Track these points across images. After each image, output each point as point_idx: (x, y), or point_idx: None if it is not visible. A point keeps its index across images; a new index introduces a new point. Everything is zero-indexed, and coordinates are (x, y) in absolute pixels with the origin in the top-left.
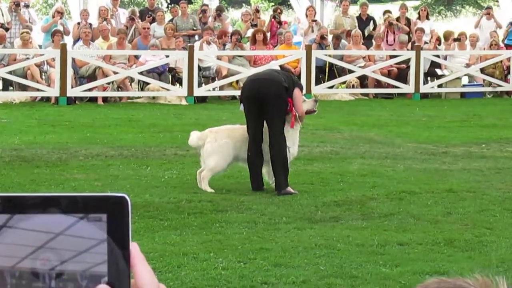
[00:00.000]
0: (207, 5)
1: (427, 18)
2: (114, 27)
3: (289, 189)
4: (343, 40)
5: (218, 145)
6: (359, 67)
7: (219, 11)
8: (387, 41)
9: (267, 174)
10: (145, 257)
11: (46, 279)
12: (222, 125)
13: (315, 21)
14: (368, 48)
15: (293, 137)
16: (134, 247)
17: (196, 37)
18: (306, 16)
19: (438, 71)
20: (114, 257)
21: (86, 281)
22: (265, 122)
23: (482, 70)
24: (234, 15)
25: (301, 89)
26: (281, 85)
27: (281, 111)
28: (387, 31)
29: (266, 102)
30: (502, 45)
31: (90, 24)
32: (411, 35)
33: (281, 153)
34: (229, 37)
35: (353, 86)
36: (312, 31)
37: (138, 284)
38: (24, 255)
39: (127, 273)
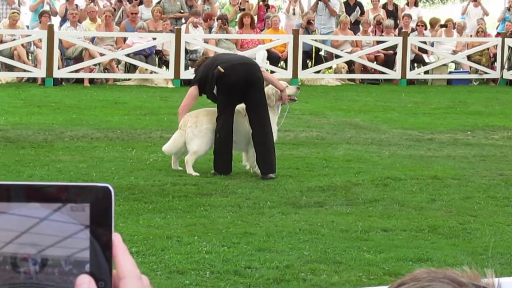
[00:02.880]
0: None
1: (415, 4)
2: (101, 8)
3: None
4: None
5: (199, 130)
6: (346, 52)
7: None
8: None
9: (248, 160)
10: (129, 240)
11: (30, 264)
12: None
13: None
14: (355, 34)
15: (273, 122)
16: (116, 238)
17: (183, 20)
18: None
19: (425, 58)
20: (96, 248)
21: (70, 266)
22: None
23: (469, 57)
24: None
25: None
26: (260, 70)
27: (264, 96)
28: (375, 30)
29: (254, 87)
30: (489, 32)
31: (77, 5)
32: (398, 21)
33: (271, 137)
34: (215, 20)
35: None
36: (294, 13)
37: (120, 275)
38: (8, 240)
39: (109, 264)
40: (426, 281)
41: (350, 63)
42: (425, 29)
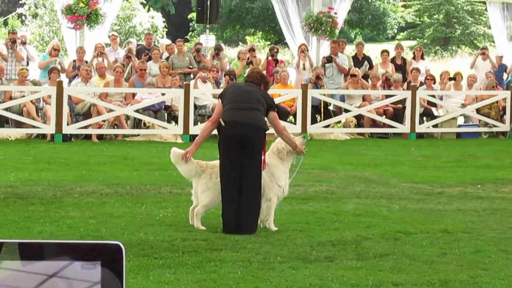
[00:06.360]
0: (201, 44)
1: (422, 58)
2: (110, 63)
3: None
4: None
5: (214, 182)
6: (355, 106)
7: (218, 50)
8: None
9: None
10: None
11: None
12: None
13: (303, 52)
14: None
15: (285, 175)
16: None
17: (192, 75)
18: (298, 52)
19: (434, 111)
20: None
21: None
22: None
23: (478, 111)
24: (230, 53)
25: (275, 111)
26: (263, 129)
27: (260, 160)
28: (384, 85)
29: (248, 149)
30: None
31: (86, 62)
32: (406, 75)
33: (256, 200)
34: (223, 75)
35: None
36: (304, 68)
37: None
38: None
39: None
40: None
41: (359, 117)
42: (434, 82)
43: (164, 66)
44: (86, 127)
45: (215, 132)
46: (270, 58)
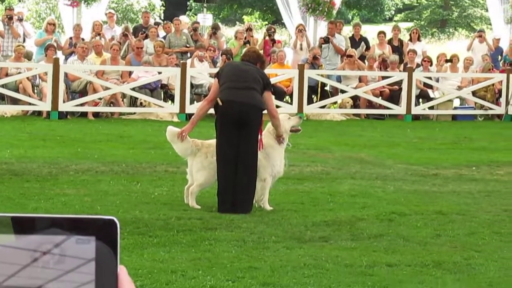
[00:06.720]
0: (198, 23)
1: (419, 39)
2: (107, 42)
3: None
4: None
5: (209, 161)
6: (351, 87)
7: (215, 29)
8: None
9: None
10: (134, 274)
11: None
12: None
13: (301, 32)
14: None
15: (280, 155)
16: (122, 271)
17: (189, 54)
18: (296, 32)
19: (430, 93)
20: (102, 280)
21: None
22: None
23: (474, 93)
24: (227, 33)
25: (272, 91)
26: (260, 108)
27: (257, 134)
28: (380, 67)
29: (246, 128)
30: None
31: (83, 39)
32: (403, 56)
33: (252, 181)
34: (219, 54)
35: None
36: (301, 48)
37: None
38: (10, 273)
39: None
40: None
41: (355, 98)
42: (431, 64)
43: (158, 45)
44: (82, 104)
45: (211, 111)
46: (267, 38)
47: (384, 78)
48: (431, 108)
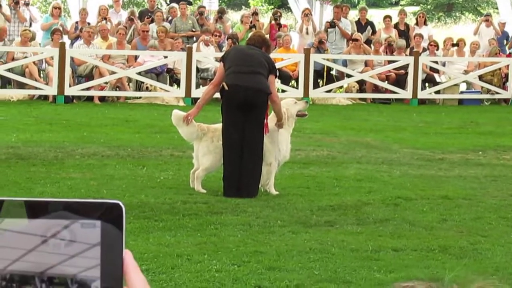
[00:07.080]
0: (204, 7)
1: (425, 24)
2: (113, 26)
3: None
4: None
5: (215, 145)
6: (357, 72)
7: (221, 13)
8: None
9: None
10: (139, 258)
11: (37, 282)
12: None
13: (307, 16)
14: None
15: (286, 140)
16: (127, 255)
17: (195, 39)
18: (302, 16)
19: (436, 77)
20: (107, 264)
21: (76, 285)
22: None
23: (480, 77)
24: (233, 17)
25: (276, 75)
26: (265, 93)
27: (263, 118)
28: (386, 51)
29: (253, 112)
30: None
31: (89, 23)
32: (409, 41)
33: (258, 165)
34: (225, 39)
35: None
36: (307, 32)
37: None
38: (15, 257)
39: (120, 281)
40: None
41: (361, 83)
42: (437, 49)
43: (161, 30)
44: (88, 88)
45: (217, 95)
46: (273, 22)
47: (390, 62)
48: (437, 92)
